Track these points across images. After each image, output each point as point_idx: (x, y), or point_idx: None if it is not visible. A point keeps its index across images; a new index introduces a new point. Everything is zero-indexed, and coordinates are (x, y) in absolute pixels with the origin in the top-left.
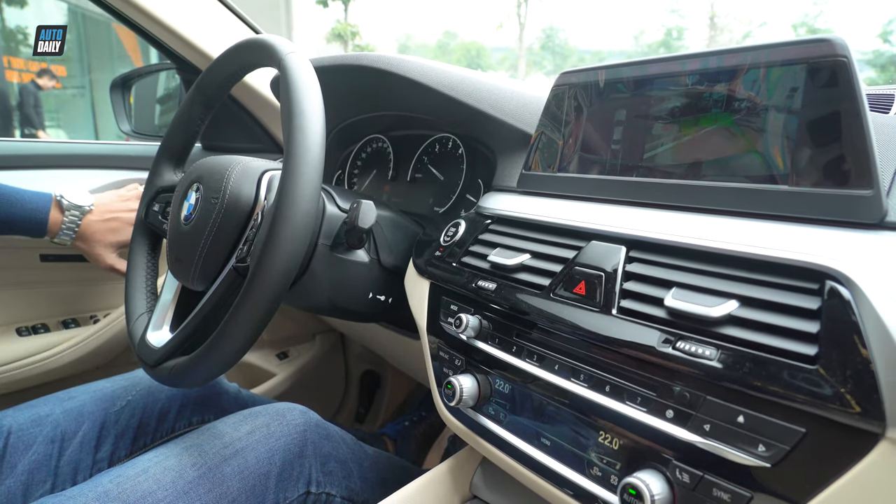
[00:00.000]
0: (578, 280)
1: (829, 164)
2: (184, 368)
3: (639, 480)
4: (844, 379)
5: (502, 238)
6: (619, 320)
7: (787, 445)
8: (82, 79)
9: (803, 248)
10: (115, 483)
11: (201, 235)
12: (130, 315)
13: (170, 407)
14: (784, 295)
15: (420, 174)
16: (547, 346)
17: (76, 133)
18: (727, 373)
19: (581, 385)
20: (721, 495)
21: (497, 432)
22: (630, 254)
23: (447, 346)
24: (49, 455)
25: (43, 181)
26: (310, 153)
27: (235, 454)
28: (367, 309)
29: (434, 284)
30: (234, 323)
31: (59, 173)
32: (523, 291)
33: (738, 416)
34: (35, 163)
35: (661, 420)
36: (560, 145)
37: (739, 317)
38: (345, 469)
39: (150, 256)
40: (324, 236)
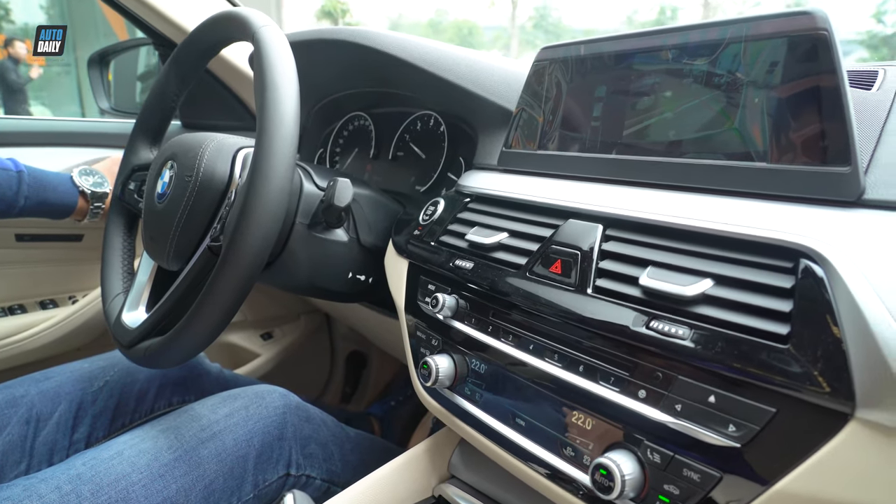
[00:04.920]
0: (554, 259)
1: (807, 141)
2: (158, 349)
3: (610, 461)
4: (815, 358)
5: (481, 217)
6: (593, 300)
7: (757, 425)
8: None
9: (778, 225)
10: (89, 466)
11: (175, 214)
12: (106, 295)
13: (149, 387)
14: (758, 273)
15: (402, 152)
16: (522, 326)
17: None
18: (699, 352)
19: (555, 365)
20: (691, 475)
21: (472, 412)
22: (607, 232)
23: (424, 325)
24: (24, 436)
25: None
26: (283, 128)
27: (213, 437)
28: (347, 289)
29: (412, 264)
30: (207, 303)
31: (37, 151)
32: (500, 270)
33: (710, 396)
34: (9, 140)
35: (634, 400)
36: (540, 122)
37: (713, 296)
38: (325, 451)
39: (126, 236)
40: (301, 215)
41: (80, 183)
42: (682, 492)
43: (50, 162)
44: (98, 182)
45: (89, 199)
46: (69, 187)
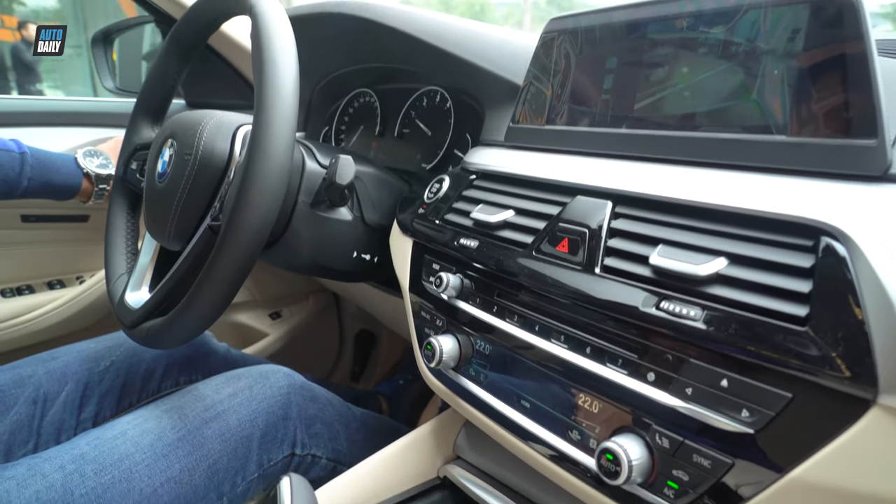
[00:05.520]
0: (561, 237)
1: (830, 112)
2: (160, 329)
3: (616, 445)
4: (836, 341)
5: (487, 194)
6: (601, 279)
7: (772, 411)
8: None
9: (798, 202)
10: (93, 445)
11: (175, 193)
12: (110, 276)
13: (155, 367)
14: (776, 252)
15: (408, 129)
16: (528, 307)
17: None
18: (712, 334)
19: (561, 346)
20: (701, 461)
21: (477, 394)
22: (616, 209)
23: (429, 305)
24: (31, 416)
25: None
26: (281, 104)
27: (216, 417)
28: (352, 268)
29: (417, 243)
30: (207, 283)
31: (40, 132)
32: (505, 249)
33: (722, 380)
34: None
35: (642, 383)
36: (549, 96)
37: (727, 275)
38: (331, 431)
39: (129, 216)
40: (304, 193)
41: (84, 164)
42: (691, 478)
43: (54, 142)
44: (103, 164)
45: (94, 181)
46: (73, 169)
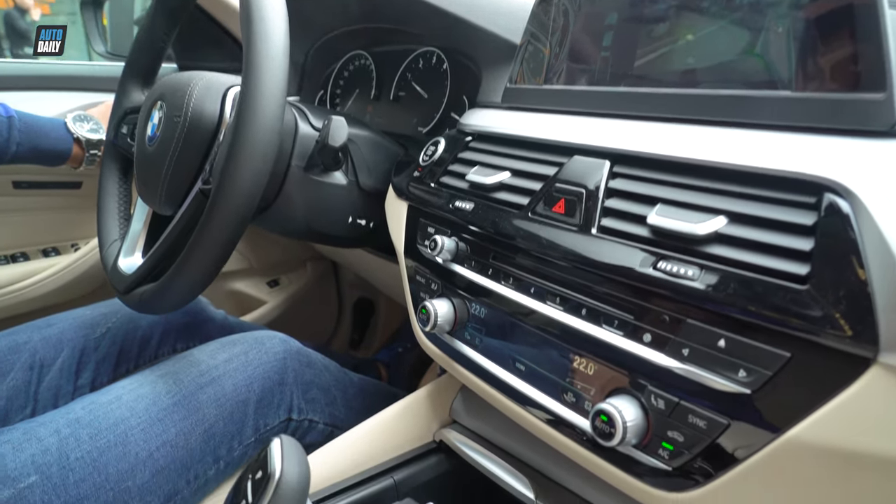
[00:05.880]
0: (558, 198)
1: (837, 66)
2: (152, 295)
3: (611, 406)
4: (837, 300)
5: (482, 156)
6: (598, 240)
7: (769, 371)
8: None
9: (801, 158)
10: (88, 410)
11: (165, 157)
12: (103, 242)
13: (152, 334)
14: (777, 210)
15: (404, 92)
16: (524, 269)
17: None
18: (710, 294)
19: (557, 308)
20: (697, 422)
21: (472, 357)
22: (614, 169)
23: (424, 269)
24: (27, 382)
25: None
26: (270, 62)
27: (212, 382)
28: (347, 234)
29: (412, 206)
30: (198, 248)
31: (28, 96)
32: (501, 211)
33: (719, 340)
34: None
35: (638, 344)
36: (547, 55)
37: (727, 234)
38: (328, 396)
39: (121, 181)
40: (297, 157)
41: (74, 129)
42: (686, 439)
43: (42, 107)
44: (93, 128)
45: (84, 146)
46: (63, 133)
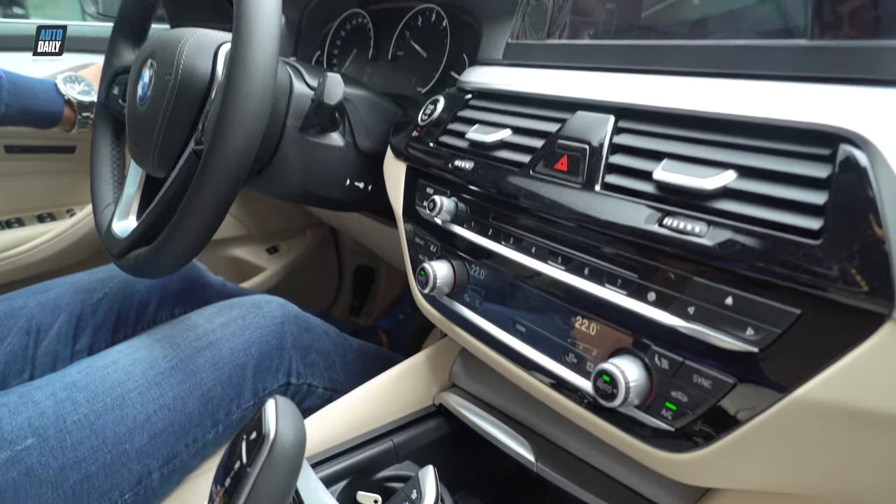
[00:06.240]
0: (560, 155)
1: (856, 11)
2: (146, 258)
3: (613, 367)
4: (851, 255)
5: (483, 114)
6: (602, 197)
7: (778, 328)
8: None
9: (816, 108)
10: (84, 374)
11: (156, 117)
12: (97, 206)
13: (149, 299)
14: (789, 163)
15: (402, 52)
16: (524, 229)
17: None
18: (717, 251)
19: (558, 268)
20: (701, 382)
21: (472, 319)
22: (619, 124)
23: (423, 231)
24: (25, 346)
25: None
26: (262, 16)
27: (209, 346)
28: (345, 197)
29: (410, 167)
30: (191, 210)
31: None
32: (501, 170)
33: (726, 298)
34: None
35: (642, 303)
36: (550, 8)
37: (736, 189)
38: (327, 361)
39: (114, 144)
40: (292, 117)
41: (64, 91)
42: (690, 399)
43: (32, 69)
44: (84, 90)
45: (76, 108)
46: (53, 95)
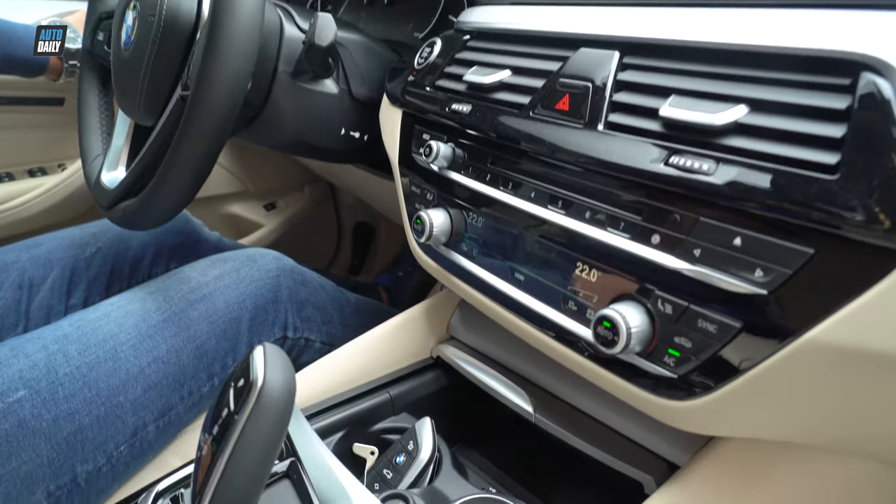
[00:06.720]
0: (562, 94)
1: None
2: (135, 209)
3: (615, 312)
4: (871, 189)
5: (481, 55)
6: (605, 136)
7: (789, 269)
8: None
9: (834, 35)
10: (76, 326)
11: (141, 61)
12: (86, 157)
13: (143, 253)
14: (805, 95)
15: None
16: (524, 173)
17: None
18: (726, 189)
19: (558, 212)
20: (706, 326)
21: (469, 269)
22: (624, 60)
23: (419, 178)
24: (18, 300)
25: None
26: None
27: (202, 298)
28: (340, 147)
29: (406, 113)
30: (177, 158)
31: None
32: (500, 112)
33: (735, 239)
34: None
35: (645, 247)
36: None
37: (747, 124)
38: (324, 315)
39: (101, 93)
40: (283, 62)
41: None
42: (694, 345)
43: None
44: (71, 37)
45: (63, 57)
46: None
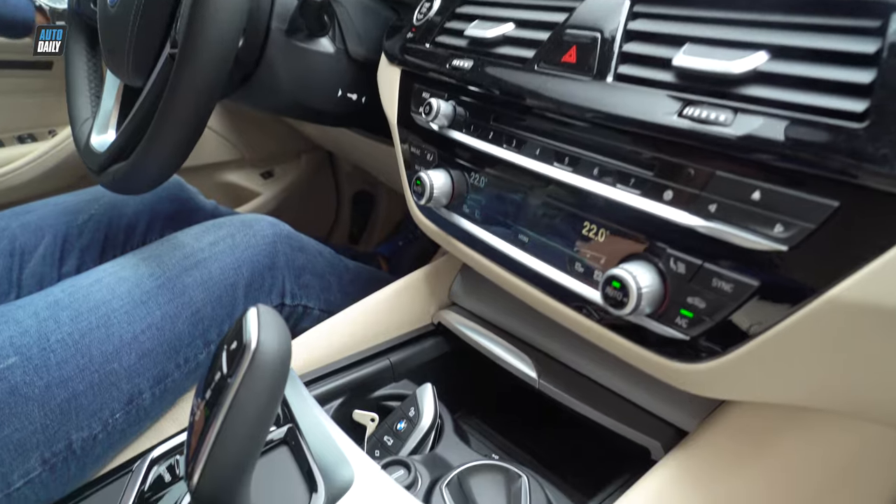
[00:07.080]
0: (569, 45)
1: None
2: (125, 173)
3: (625, 271)
4: None
5: (483, 9)
6: (614, 89)
7: (812, 224)
8: None
9: None
10: (68, 293)
11: (128, 17)
12: (75, 121)
13: (137, 221)
14: (830, 39)
15: None
16: (528, 130)
17: None
18: (744, 141)
19: (565, 169)
20: (721, 286)
21: (471, 231)
22: (634, 8)
23: (418, 138)
24: (9, 268)
25: None
26: None
27: (197, 265)
28: (337, 109)
29: (405, 72)
30: (166, 118)
31: None
32: (503, 67)
33: (753, 193)
34: None
35: (657, 203)
36: None
37: (767, 72)
38: (322, 282)
39: (90, 54)
40: (277, 18)
41: None
42: (708, 305)
43: None
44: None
45: (49, 16)
46: (23, 1)
